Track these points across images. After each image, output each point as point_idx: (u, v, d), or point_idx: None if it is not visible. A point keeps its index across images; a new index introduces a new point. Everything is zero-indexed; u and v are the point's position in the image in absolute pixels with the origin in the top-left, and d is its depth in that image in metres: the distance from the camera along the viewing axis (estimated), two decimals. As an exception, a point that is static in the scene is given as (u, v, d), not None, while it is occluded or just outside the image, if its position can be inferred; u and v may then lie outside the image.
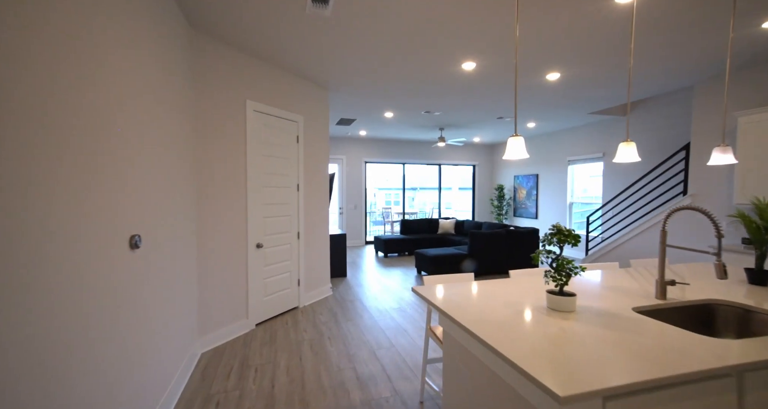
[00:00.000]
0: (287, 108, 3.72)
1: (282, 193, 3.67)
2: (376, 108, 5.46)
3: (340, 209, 8.55)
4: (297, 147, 3.87)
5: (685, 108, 5.00)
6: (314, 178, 4.19)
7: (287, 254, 3.75)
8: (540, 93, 4.56)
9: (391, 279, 5.34)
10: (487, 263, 5.48)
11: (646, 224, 4.65)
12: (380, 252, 7.38)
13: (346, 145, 8.51)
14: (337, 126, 6.94)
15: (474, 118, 6.21)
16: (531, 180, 8.31)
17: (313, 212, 4.17)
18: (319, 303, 4.12)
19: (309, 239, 4.11)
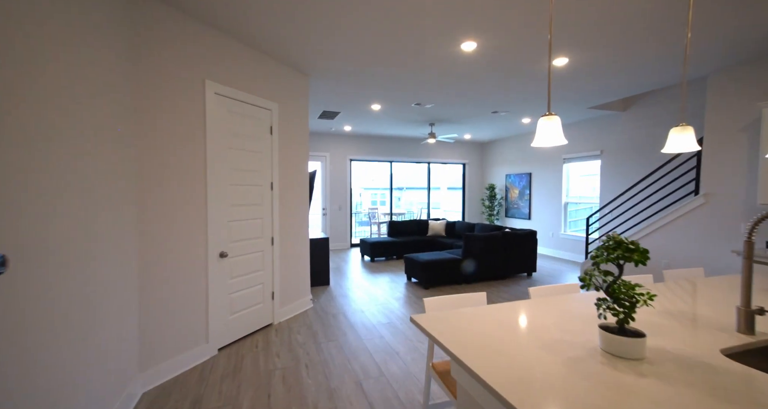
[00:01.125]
0: (258, 93, 3.19)
1: (252, 192, 3.14)
2: (362, 99, 4.97)
3: (323, 210, 8.01)
4: (270, 139, 3.34)
5: (695, 101, 4.70)
6: (291, 175, 3.67)
7: (259, 264, 3.22)
8: (543, 83, 4.16)
9: (379, 287, 4.86)
10: (482, 267, 5.07)
11: (654, 225, 4.32)
12: (366, 256, 6.90)
13: (329, 141, 7.98)
14: (319, 120, 6.42)
15: (467, 113, 5.80)
16: (524, 179, 7.98)
17: (290, 213, 3.65)
18: (297, 319, 3.60)
19: (285, 245, 3.59)
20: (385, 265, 6.34)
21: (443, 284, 4.99)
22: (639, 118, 5.53)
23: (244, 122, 3.02)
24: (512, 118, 6.19)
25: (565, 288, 1.94)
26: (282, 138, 3.51)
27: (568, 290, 1.95)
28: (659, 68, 3.65)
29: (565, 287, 1.94)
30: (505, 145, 8.54)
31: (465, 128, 7.21)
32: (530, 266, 5.44)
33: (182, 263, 2.49)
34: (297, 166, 3.75)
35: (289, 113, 3.60)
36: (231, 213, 2.89)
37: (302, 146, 3.82)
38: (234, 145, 2.92)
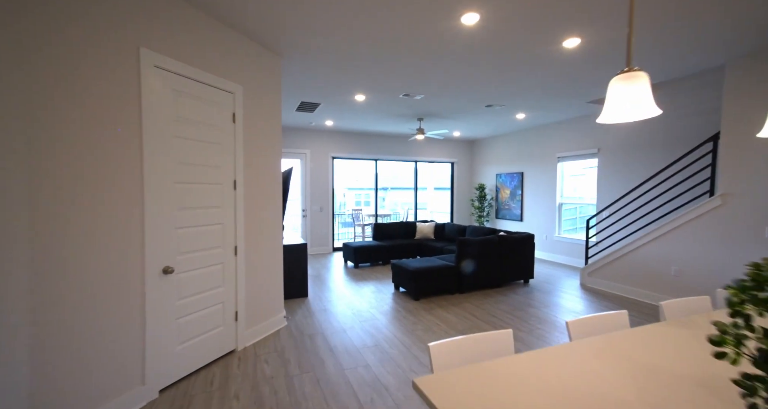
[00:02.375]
0: (217, 72, 2.63)
1: (210, 192, 2.57)
2: (344, 88, 4.44)
3: (303, 212, 7.43)
4: (233, 128, 2.78)
5: (709, 93, 4.39)
6: (261, 172, 3.11)
7: (218, 279, 2.65)
8: (549, 70, 3.74)
9: (363, 298, 4.34)
10: (477, 275, 4.62)
11: (662, 228, 3.97)
12: (349, 262, 6.36)
13: (309, 137, 7.40)
14: (298, 114, 5.84)
15: (460, 107, 5.35)
16: (515, 179, 7.62)
17: (258, 217, 3.09)
18: (267, 342, 3.04)
19: (253, 255, 3.03)
20: (370, 272, 5.83)
21: (435, 293, 4.52)
22: (639, 114, 5.21)
23: (198, 107, 2.45)
24: (507, 113, 5.79)
25: (612, 320, 1.48)
26: (248, 128, 2.95)
27: (617, 322, 1.48)
28: (678, 54, 3.28)
29: (611, 319, 1.48)
30: (496, 144, 8.17)
31: (455, 124, 6.78)
32: (527, 272, 5.04)
33: (103, 285, 1.91)
34: (268, 161, 3.19)
35: (257, 99, 3.04)
36: (179, 218, 2.32)
37: (274, 139, 3.26)
38: (183, 133, 2.35)
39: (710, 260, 3.56)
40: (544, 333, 3.26)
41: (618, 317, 1.48)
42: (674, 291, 3.88)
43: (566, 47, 3.09)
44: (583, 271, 5.03)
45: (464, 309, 3.94)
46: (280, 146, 3.34)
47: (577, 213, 7.03)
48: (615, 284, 4.54)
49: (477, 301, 4.24)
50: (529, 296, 4.43)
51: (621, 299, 4.25)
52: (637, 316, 3.67)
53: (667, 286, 3.95)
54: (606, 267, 4.68)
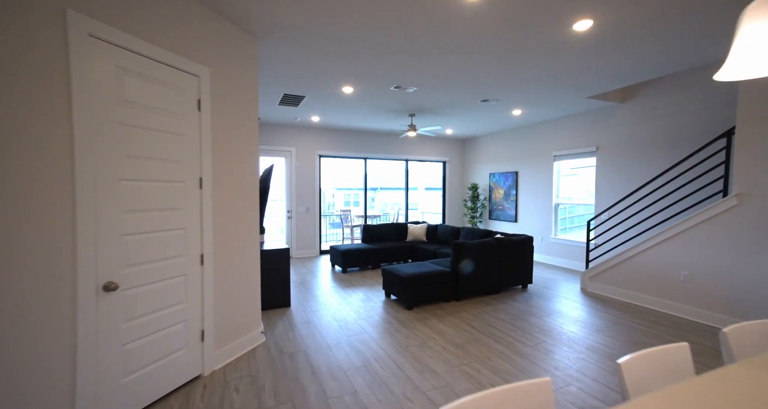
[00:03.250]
0: (177, 50, 2.23)
1: (168, 192, 2.17)
2: (330, 78, 4.07)
3: (287, 213, 7.01)
4: (198, 117, 2.38)
5: (720, 87, 4.16)
6: (233, 169, 2.72)
7: (179, 293, 2.26)
8: (553, 57, 3.45)
9: (351, 308, 3.98)
10: (474, 281, 4.31)
11: (670, 230, 3.72)
12: (337, 266, 5.98)
13: (295, 134, 6.99)
14: (281, 108, 5.44)
15: (454, 101, 5.03)
16: (509, 178, 7.35)
17: (230, 220, 2.70)
18: (240, 363, 2.65)
19: (223, 264, 2.63)
20: (360, 277, 5.46)
21: (429, 301, 4.18)
22: (640, 110, 4.99)
23: (153, 90, 2.05)
24: (503, 108, 5.50)
25: (673, 358, 1.14)
26: (218, 117, 2.56)
27: (679, 361, 1.15)
28: (696, 41, 3.02)
29: (671, 357, 1.14)
30: (490, 142, 7.90)
31: (448, 121, 6.46)
32: (526, 277, 4.75)
33: (16, 310, 1.50)
34: (242, 156, 2.80)
35: (228, 84, 2.64)
36: (127, 223, 1.91)
37: (250, 131, 2.87)
38: (133, 120, 1.95)
39: (724, 265, 3.32)
40: (550, 347, 2.95)
41: (678, 352, 1.15)
42: (683, 298, 3.63)
43: (576, 31, 2.79)
44: (583, 275, 4.77)
45: (461, 319, 3.62)
46: (256, 139, 2.95)
47: (567, 213, 6.82)
48: (619, 289, 4.28)
49: (474, 309, 3.92)
50: (529, 303, 4.13)
51: (626, 306, 3.98)
52: (649, 326, 3.40)
53: (675, 292, 3.70)
54: (609, 271, 4.42)
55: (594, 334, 3.22)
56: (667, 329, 3.32)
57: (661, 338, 3.13)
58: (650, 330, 3.29)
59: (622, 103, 5.21)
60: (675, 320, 3.52)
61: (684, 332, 3.24)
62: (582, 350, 2.90)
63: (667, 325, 3.41)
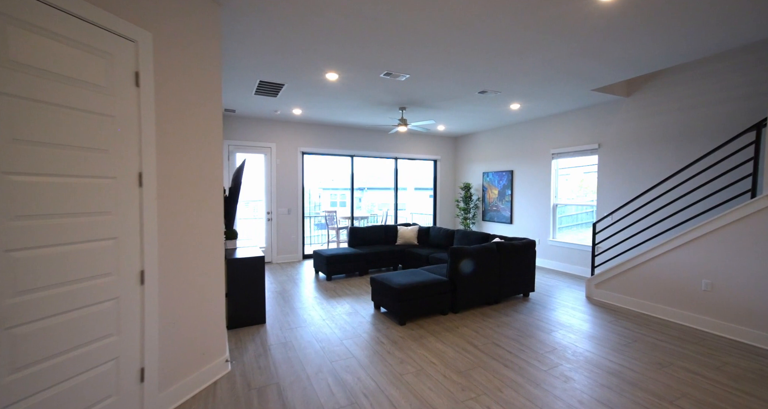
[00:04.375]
0: (107, 4, 1.70)
1: (90, 191, 1.64)
2: (311, 62, 3.56)
3: (267, 214, 6.45)
4: (136, 95, 1.86)
5: (748, 75, 3.84)
6: (188, 161, 2.20)
7: (106, 324, 1.72)
8: (568, 36, 3.04)
9: (336, 324, 3.48)
10: (473, 290, 3.88)
11: (689, 234, 3.37)
12: (321, 273, 5.47)
13: (275, 129, 6.44)
14: (258, 98, 4.90)
15: (449, 92, 4.60)
16: (504, 178, 6.98)
17: (184, 226, 2.18)
18: (196, 404, 2.13)
19: (173, 281, 2.11)
20: (345, 285, 4.96)
21: (424, 314, 3.72)
22: (646, 104, 4.67)
23: (62, 53, 1.52)
24: (500, 102, 5.09)
25: None
26: (165, 97, 2.03)
27: None
28: (690, 33, 2.65)
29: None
30: (484, 139, 7.52)
31: (441, 116, 6.03)
32: (528, 284, 4.35)
33: None
34: (201, 147, 2.27)
35: (180, 56, 2.12)
36: (16, 233, 1.38)
37: (211, 116, 2.35)
38: (26, 91, 1.41)
39: (752, 274, 2.97)
40: (567, 371, 2.53)
41: None
42: (705, 309, 3.28)
43: (602, 0, 2.37)
44: (589, 281, 4.40)
45: (462, 336, 3.17)
46: (219, 127, 2.43)
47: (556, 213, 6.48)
48: (629, 298, 3.92)
49: (475, 324, 3.49)
50: (534, 315, 3.72)
51: (641, 318, 3.62)
52: (672, 343, 3.02)
53: (696, 302, 3.35)
54: (618, 278, 4.06)
55: (613, 353, 2.82)
56: (693, 346, 2.95)
57: (689, 357, 2.75)
58: (675, 348, 2.91)
59: (627, 97, 4.88)
60: (699, 335, 3.16)
61: (713, 350, 2.88)
62: (604, 375, 2.49)
63: (692, 341, 3.04)
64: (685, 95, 4.26)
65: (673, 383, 2.38)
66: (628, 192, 4.88)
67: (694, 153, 4.18)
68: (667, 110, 4.45)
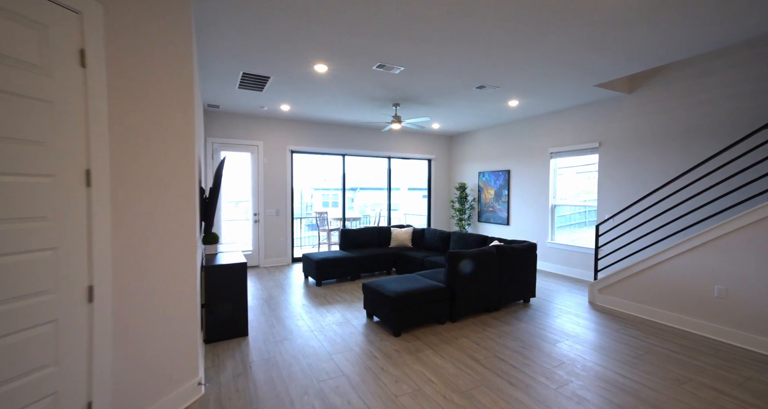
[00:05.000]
0: (39, -33, 1.41)
1: (17, 193, 1.35)
2: (299, 53, 3.28)
3: (254, 216, 6.14)
4: (81, 77, 1.56)
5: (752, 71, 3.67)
6: (152, 158, 1.91)
7: (41, 353, 1.43)
8: (580, 25, 2.81)
9: (325, 336, 3.21)
10: (472, 296, 3.63)
11: (701, 237, 3.17)
12: (311, 278, 5.18)
13: (262, 126, 6.13)
14: (242, 92, 4.59)
15: (445, 87, 4.35)
16: (501, 177, 6.77)
17: (147, 232, 1.88)
18: (159, 439, 1.84)
19: (132, 297, 1.82)
20: (336, 291, 4.69)
21: (420, 324, 3.46)
22: (650, 101, 4.48)
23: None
24: (498, 98, 4.87)
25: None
26: (121, 80, 1.74)
27: None
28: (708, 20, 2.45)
29: None
30: (480, 138, 7.30)
31: (436, 113, 5.79)
32: (528, 290, 4.13)
33: None
34: (171, 144, 1.98)
35: (139, 33, 1.83)
36: None
37: (181, 106, 2.06)
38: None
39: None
40: (578, 390, 2.30)
41: None
42: (718, 317, 3.09)
43: (618, -19, 2.14)
44: (592, 286, 4.19)
45: (461, 349, 2.92)
46: (191, 119, 2.14)
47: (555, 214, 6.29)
48: (635, 304, 3.72)
49: (475, 334, 3.24)
50: (536, 323, 3.50)
51: (649, 326, 3.41)
52: (686, 354, 2.81)
53: (708, 310, 3.15)
54: (623, 283, 3.86)
55: (624, 367, 2.60)
56: (709, 358, 2.74)
57: (706, 371, 2.55)
58: (690, 360, 2.70)
59: (629, 93, 4.70)
60: (714, 346, 2.96)
61: (731, 362, 2.67)
62: (619, 394, 2.26)
63: (707, 352, 2.84)
64: (689, 92, 4.08)
65: (696, 403, 2.16)
66: (631, 192, 4.69)
67: (699, 152, 4.00)
68: (671, 108, 4.27)
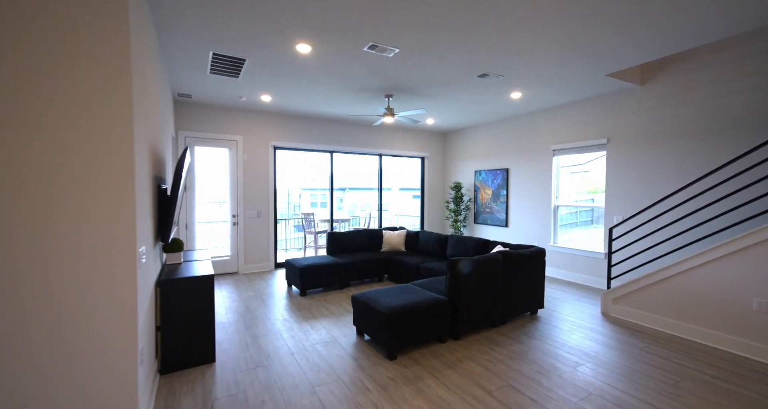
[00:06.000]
0: None
1: None
2: (278, 30, 2.79)
3: (233, 218, 5.60)
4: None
5: None
6: (59, 143, 1.41)
7: None
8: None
9: (308, 361, 2.72)
10: (476, 309, 3.20)
11: (738, 242, 2.81)
12: (294, 286, 4.68)
13: (241, 120, 5.59)
14: (215, 78, 4.06)
15: (443, 75, 3.91)
16: (499, 176, 6.38)
17: (44, 245, 1.38)
18: None
19: (14, 343, 1.31)
20: (323, 302, 4.20)
21: (418, 343, 3.00)
22: (665, 93, 4.14)
23: None
24: (500, 90, 4.45)
25: None
26: (9, 34, 1.23)
27: None
28: None
29: None
30: (476, 135, 6.91)
31: (432, 106, 5.36)
32: (536, 300, 3.72)
33: None
34: (90, 124, 1.49)
35: (42, -26, 1.32)
36: None
37: (116, 73, 1.56)
38: None
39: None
40: (616, 433, 1.87)
41: None
42: (758, 334, 2.72)
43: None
44: (605, 296, 3.81)
45: (469, 376, 2.48)
46: (128, 80, 1.63)
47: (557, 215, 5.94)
48: (655, 316, 3.35)
49: (482, 355, 2.80)
50: (549, 340, 3.08)
51: (674, 342, 3.03)
52: (729, 380, 2.42)
53: (746, 326, 2.78)
54: (640, 293, 3.48)
55: (663, 399, 2.20)
56: (759, 386, 2.36)
57: (755, 402, 2.16)
58: (737, 390, 2.31)
59: (641, 85, 4.34)
60: (760, 369, 2.58)
61: (784, 390, 2.30)
62: (666, 437, 1.85)
63: (754, 378, 2.46)
64: (709, 82, 3.74)
65: (765, 452, 1.76)
66: (643, 192, 4.34)
67: (720, 149, 3.66)
68: (688, 100, 3.93)
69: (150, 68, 2.37)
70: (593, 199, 5.24)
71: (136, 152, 1.71)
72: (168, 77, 4.00)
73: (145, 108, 2.08)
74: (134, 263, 1.67)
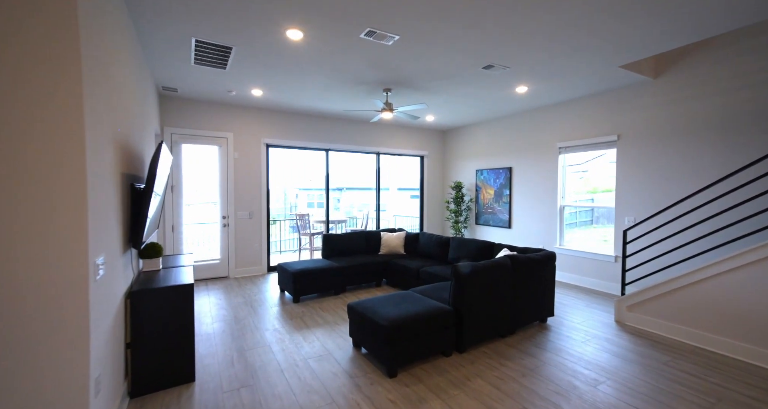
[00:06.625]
0: None
1: None
2: (266, 12, 2.51)
3: (223, 219, 5.31)
4: None
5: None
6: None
7: None
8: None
9: (299, 378, 2.45)
10: (483, 319, 2.94)
11: (759, 250, 2.56)
12: (287, 292, 4.40)
13: (231, 116, 5.31)
14: (200, 69, 3.78)
15: (446, 68, 3.64)
16: (501, 176, 6.13)
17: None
18: None
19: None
20: (317, 309, 3.92)
21: (421, 358, 2.71)
22: (680, 86, 3.89)
23: None
24: (505, 83, 4.20)
25: None
26: None
27: None
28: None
29: None
30: (477, 132, 6.65)
31: (432, 102, 5.09)
32: (546, 308, 3.47)
33: None
34: (25, 111, 1.21)
35: None
36: None
37: (63, 52, 1.29)
38: None
39: None
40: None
41: None
42: (793, 346, 2.47)
43: None
44: (619, 303, 3.56)
45: (478, 397, 2.22)
46: (79, 69, 1.36)
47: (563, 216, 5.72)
48: (676, 326, 3.10)
49: (492, 372, 2.54)
50: (563, 353, 2.83)
51: (697, 354, 2.79)
52: (764, 399, 2.18)
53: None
54: (658, 300, 3.23)
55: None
56: (801, 408, 2.11)
57: (806, 429, 1.91)
58: (779, 412, 2.07)
59: (654, 79, 4.10)
60: (797, 387, 2.34)
61: (833, 414, 2.05)
62: (710, 475, 1.59)
63: (794, 398, 2.21)
64: (730, 75, 3.50)
65: None
66: (657, 192, 4.10)
67: (741, 146, 3.42)
68: (705, 94, 3.69)
69: (119, 56, 2.10)
70: (593, 199, 5.03)
71: (89, 148, 1.44)
72: (149, 68, 3.71)
73: (108, 100, 1.81)
74: (86, 276, 1.40)
